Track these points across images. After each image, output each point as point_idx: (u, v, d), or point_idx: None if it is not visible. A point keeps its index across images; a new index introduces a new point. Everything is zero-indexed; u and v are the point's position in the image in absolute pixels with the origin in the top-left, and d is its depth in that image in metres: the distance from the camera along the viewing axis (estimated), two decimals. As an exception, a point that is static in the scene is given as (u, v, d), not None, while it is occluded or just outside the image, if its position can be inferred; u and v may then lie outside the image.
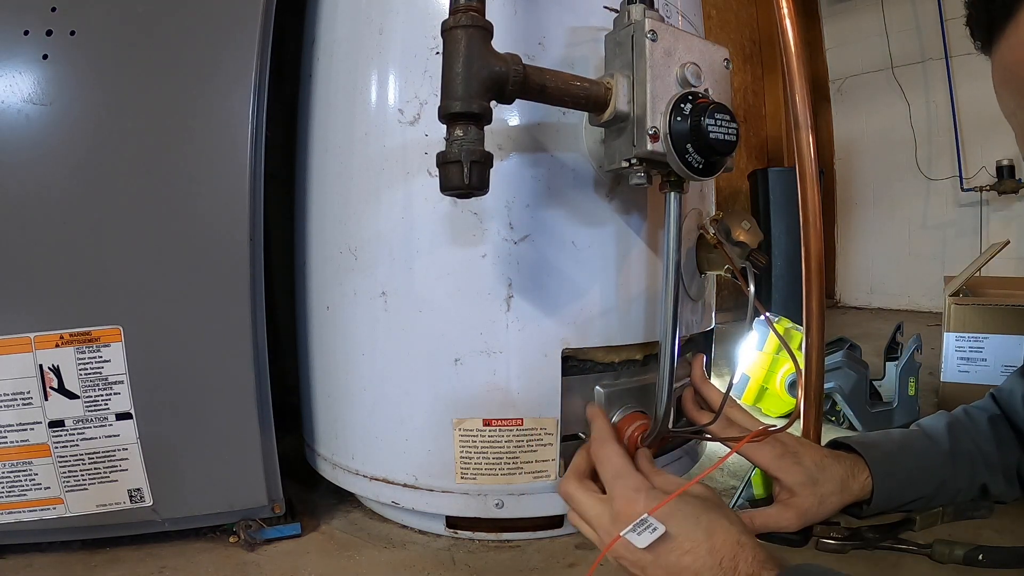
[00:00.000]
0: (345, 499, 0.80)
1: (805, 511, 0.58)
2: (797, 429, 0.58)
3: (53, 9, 0.63)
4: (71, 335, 0.63)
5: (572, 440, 0.67)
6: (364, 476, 0.71)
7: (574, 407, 0.66)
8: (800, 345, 0.78)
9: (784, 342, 0.64)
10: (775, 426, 0.57)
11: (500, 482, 0.66)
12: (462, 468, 0.66)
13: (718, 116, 0.52)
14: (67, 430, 0.64)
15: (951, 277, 1.25)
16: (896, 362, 1.10)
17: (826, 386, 1.04)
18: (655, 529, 0.44)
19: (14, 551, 0.67)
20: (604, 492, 0.51)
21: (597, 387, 0.66)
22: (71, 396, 0.64)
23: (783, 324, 1.21)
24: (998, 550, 0.60)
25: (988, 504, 0.66)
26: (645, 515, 0.44)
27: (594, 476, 0.54)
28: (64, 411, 0.64)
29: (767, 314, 0.72)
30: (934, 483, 0.63)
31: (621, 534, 0.44)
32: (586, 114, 0.59)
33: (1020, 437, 0.62)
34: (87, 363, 0.64)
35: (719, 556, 0.41)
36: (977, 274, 1.26)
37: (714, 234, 0.67)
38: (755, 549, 0.42)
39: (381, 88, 0.67)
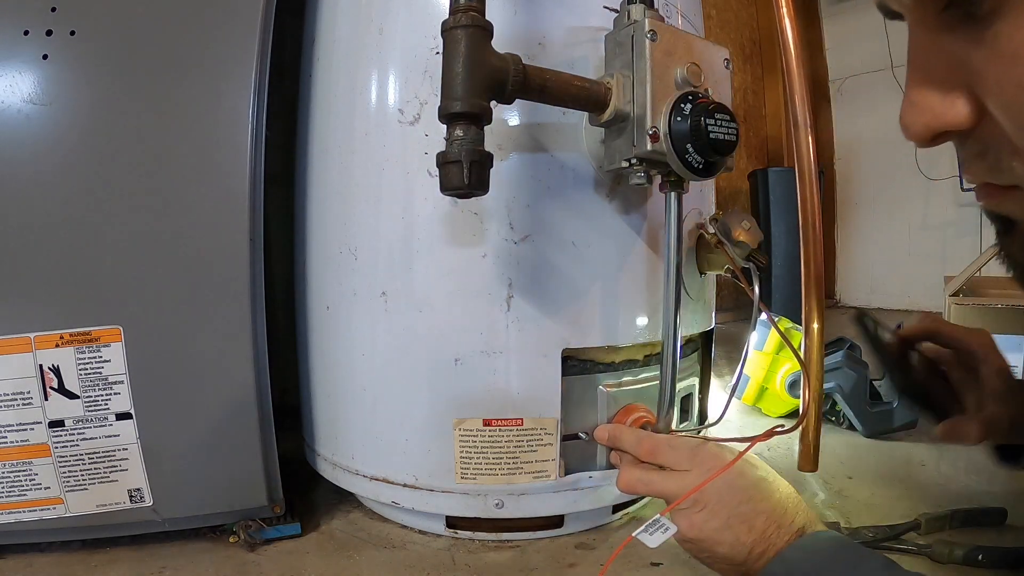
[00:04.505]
0: (345, 499, 0.80)
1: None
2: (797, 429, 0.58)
3: (53, 9, 0.62)
4: (71, 335, 0.63)
5: (572, 440, 0.67)
6: (364, 476, 0.71)
7: (574, 407, 0.66)
8: (800, 345, 0.78)
9: (788, 342, 0.64)
10: (782, 426, 0.57)
11: (500, 482, 0.66)
12: (462, 468, 0.66)
13: (718, 116, 0.52)
14: (67, 430, 0.64)
15: (951, 277, 1.25)
16: (896, 362, 1.10)
17: (826, 386, 1.04)
18: (667, 529, 0.47)
19: (14, 551, 0.67)
20: None
21: (599, 387, 0.66)
22: (71, 396, 0.64)
23: (783, 324, 1.21)
24: (998, 550, 0.60)
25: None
26: (658, 516, 0.48)
27: None
28: (64, 411, 0.64)
29: (768, 313, 0.72)
30: None
31: (633, 535, 0.47)
32: (586, 114, 0.59)
33: None
34: (87, 363, 0.64)
35: (790, 495, 0.49)
36: (977, 274, 1.26)
37: (714, 234, 0.67)
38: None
39: (381, 88, 0.67)
